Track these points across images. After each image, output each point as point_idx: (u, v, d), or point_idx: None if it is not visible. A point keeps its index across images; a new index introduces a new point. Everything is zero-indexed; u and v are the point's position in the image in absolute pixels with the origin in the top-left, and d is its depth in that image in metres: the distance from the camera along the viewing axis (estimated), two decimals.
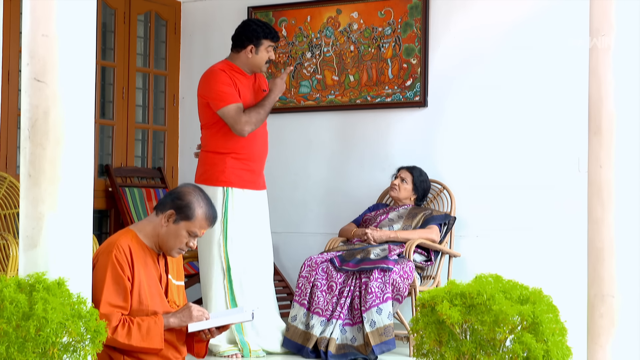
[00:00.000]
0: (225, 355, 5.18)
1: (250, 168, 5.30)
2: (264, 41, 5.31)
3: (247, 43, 5.30)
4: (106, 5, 6.56)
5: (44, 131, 3.16)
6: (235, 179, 5.24)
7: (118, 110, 6.63)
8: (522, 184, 5.81)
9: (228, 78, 5.22)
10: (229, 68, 5.30)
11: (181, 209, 3.71)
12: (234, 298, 5.21)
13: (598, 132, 3.51)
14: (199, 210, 3.72)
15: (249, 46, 5.30)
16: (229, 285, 5.20)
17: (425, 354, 3.21)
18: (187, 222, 3.72)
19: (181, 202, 3.72)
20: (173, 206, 3.73)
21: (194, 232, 3.72)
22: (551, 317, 3.12)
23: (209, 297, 5.24)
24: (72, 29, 3.20)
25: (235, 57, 5.36)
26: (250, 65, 5.34)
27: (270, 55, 5.35)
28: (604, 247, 3.48)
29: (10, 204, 5.41)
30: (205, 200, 3.77)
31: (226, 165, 5.22)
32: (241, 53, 5.33)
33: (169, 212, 3.71)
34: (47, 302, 2.89)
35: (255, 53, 5.31)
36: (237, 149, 5.25)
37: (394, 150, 6.22)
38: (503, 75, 5.90)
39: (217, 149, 5.27)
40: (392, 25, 6.22)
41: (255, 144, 5.32)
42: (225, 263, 5.20)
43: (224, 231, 5.20)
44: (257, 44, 5.30)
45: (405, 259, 5.41)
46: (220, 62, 5.38)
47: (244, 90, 5.29)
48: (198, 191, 3.78)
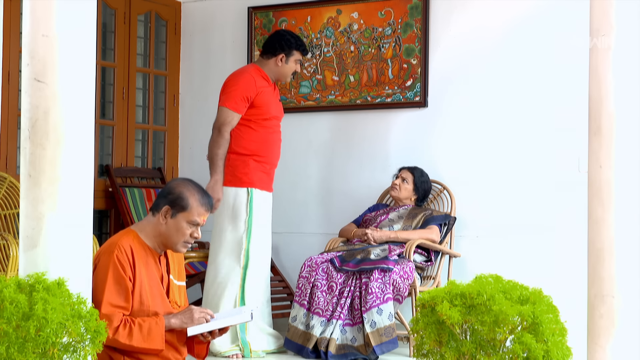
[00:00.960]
0: (226, 356, 5.19)
1: (268, 170, 5.40)
2: (295, 52, 5.45)
3: (279, 51, 5.42)
4: (106, 6, 6.56)
5: (44, 131, 3.16)
6: (257, 180, 5.35)
7: (118, 110, 6.63)
8: (522, 184, 5.81)
9: (254, 86, 5.32)
10: (257, 73, 5.39)
11: (175, 202, 3.72)
12: (244, 296, 5.24)
13: (598, 132, 3.51)
14: (192, 199, 3.73)
15: (281, 55, 5.42)
16: (242, 282, 5.25)
17: (425, 354, 3.21)
18: (184, 212, 3.71)
19: (173, 195, 3.73)
20: (166, 202, 3.73)
21: (194, 221, 3.72)
22: (551, 318, 3.12)
23: (223, 295, 5.25)
24: (72, 29, 3.20)
25: (264, 63, 5.46)
26: (277, 74, 5.46)
27: (297, 68, 5.50)
28: (604, 248, 3.48)
29: (10, 204, 5.41)
30: (196, 187, 3.77)
31: (249, 167, 5.32)
32: (271, 60, 5.43)
33: (164, 209, 3.71)
34: (47, 303, 2.89)
35: (285, 62, 5.44)
36: (258, 152, 5.34)
37: (394, 151, 6.22)
38: (503, 76, 5.90)
39: (239, 150, 5.32)
40: (392, 26, 6.22)
41: (274, 148, 5.44)
42: (245, 260, 5.26)
43: (248, 230, 5.28)
44: (289, 54, 5.43)
45: (406, 259, 5.41)
46: (251, 66, 5.48)
47: (268, 98, 5.39)
48: (187, 181, 3.79)
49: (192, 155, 6.92)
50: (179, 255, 3.92)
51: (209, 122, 6.76)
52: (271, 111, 5.39)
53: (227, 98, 5.31)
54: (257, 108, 5.33)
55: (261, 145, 5.34)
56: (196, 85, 6.94)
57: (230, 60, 6.73)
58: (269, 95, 5.41)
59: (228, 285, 5.27)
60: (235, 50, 6.75)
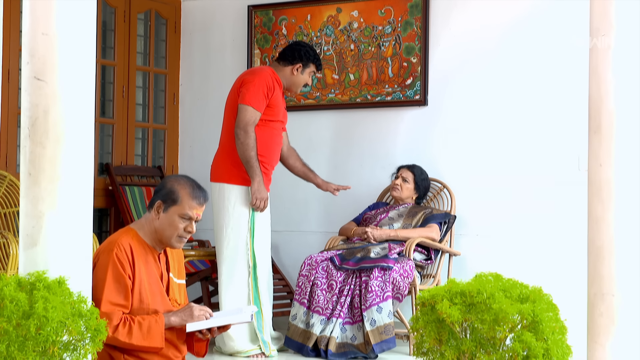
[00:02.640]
0: (248, 355, 5.20)
1: (267, 171, 5.39)
2: (312, 65, 5.51)
3: (297, 61, 5.46)
4: (106, 4, 6.56)
5: (44, 130, 3.16)
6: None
7: (118, 108, 6.63)
8: (522, 183, 5.81)
9: (272, 87, 5.33)
10: (275, 77, 5.40)
11: (166, 196, 3.72)
12: (258, 295, 5.25)
13: (598, 130, 3.51)
14: (182, 192, 3.72)
15: (298, 64, 5.46)
16: (254, 282, 5.24)
17: (425, 352, 3.21)
18: (176, 206, 3.70)
19: (164, 190, 3.73)
20: (159, 197, 3.73)
21: (186, 215, 3.70)
22: (551, 316, 3.12)
23: (229, 295, 5.25)
24: (72, 28, 3.20)
25: (280, 69, 5.48)
26: (290, 82, 5.49)
27: (309, 80, 5.55)
28: (604, 246, 3.48)
29: (10, 203, 5.41)
30: (189, 181, 3.77)
31: None
32: (287, 68, 5.47)
33: (157, 204, 3.72)
34: (48, 301, 2.89)
35: (301, 73, 5.48)
36: (261, 152, 5.32)
37: (394, 149, 6.22)
38: (503, 74, 5.90)
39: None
40: (392, 24, 6.22)
41: (275, 150, 5.44)
42: (252, 261, 5.25)
43: (251, 229, 5.28)
44: (306, 65, 5.49)
45: (406, 257, 5.42)
46: (268, 68, 5.47)
47: (278, 101, 5.40)
48: (180, 177, 3.79)
49: (192, 154, 6.92)
50: (178, 254, 3.92)
51: (209, 120, 6.78)
52: (279, 114, 5.42)
53: (251, 96, 5.26)
54: (270, 108, 5.33)
55: (264, 146, 5.33)
56: (196, 84, 6.94)
57: (230, 58, 6.73)
58: (280, 100, 5.43)
59: (235, 284, 5.26)
60: (235, 49, 6.75)
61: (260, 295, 5.26)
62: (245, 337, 5.23)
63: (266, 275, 5.35)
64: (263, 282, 5.30)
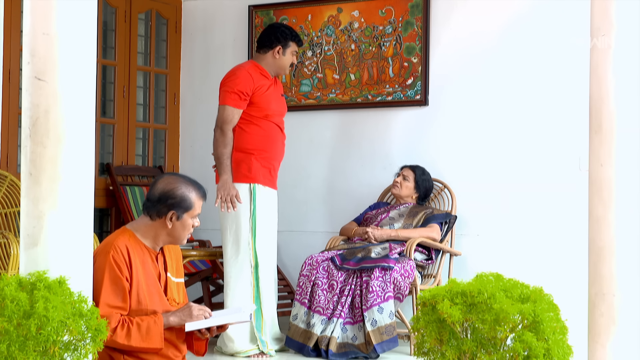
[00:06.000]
0: (247, 355, 5.20)
1: (271, 167, 5.38)
2: (291, 44, 5.43)
3: (275, 44, 5.39)
4: (107, 4, 6.56)
5: (44, 130, 3.16)
6: (260, 176, 5.32)
7: (119, 108, 6.63)
8: (523, 183, 5.81)
9: (251, 81, 5.29)
10: (255, 69, 5.36)
11: (179, 206, 3.72)
12: (259, 295, 5.24)
13: (599, 130, 3.51)
14: (192, 196, 3.74)
15: (277, 47, 5.39)
16: (255, 282, 5.24)
17: (426, 352, 3.21)
18: (189, 212, 3.74)
19: (174, 200, 3.72)
20: (169, 207, 3.71)
21: (197, 214, 3.79)
22: (552, 316, 3.12)
23: (234, 294, 5.25)
24: (73, 28, 3.20)
25: (261, 58, 5.43)
26: (276, 67, 5.42)
27: (294, 59, 5.47)
28: (605, 246, 3.48)
29: (11, 203, 5.41)
30: (190, 182, 3.78)
31: (252, 163, 5.29)
32: (268, 54, 5.40)
33: (169, 215, 3.71)
34: (48, 301, 2.89)
35: (282, 54, 5.41)
36: (261, 148, 5.32)
37: (395, 149, 6.22)
38: (504, 74, 5.90)
39: (242, 147, 5.31)
40: (392, 24, 6.22)
41: (277, 144, 5.42)
42: (254, 259, 5.24)
43: (253, 228, 5.27)
44: (285, 46, 5.41)
45: (406, 257, 5.42)
46: (248, 63, 5.45)
47: (268, 94, 5.36)
48: (179, 179, 3.79)
49: (193, 154, 6.92)
50: (176, 252, 3.92)
51: (209, 120, 6.77)
52: (271, 107, 5.36)
53: (225, 95, 5.28)
54: (255, 105, 5.31)
55: (264, 141, 5.32)
56: (197, 84, 6.94)
57: (231, 58, 6.73)
58: (269, 91, 5.38)
59: (239, 283, 5.25)
60: (236, 49, 6.75)
61: (262, 295, 5.26)
62: (245, 338, 5.23)
63: (269, 275, 5.33)
64: (265, 282, 5.28)
